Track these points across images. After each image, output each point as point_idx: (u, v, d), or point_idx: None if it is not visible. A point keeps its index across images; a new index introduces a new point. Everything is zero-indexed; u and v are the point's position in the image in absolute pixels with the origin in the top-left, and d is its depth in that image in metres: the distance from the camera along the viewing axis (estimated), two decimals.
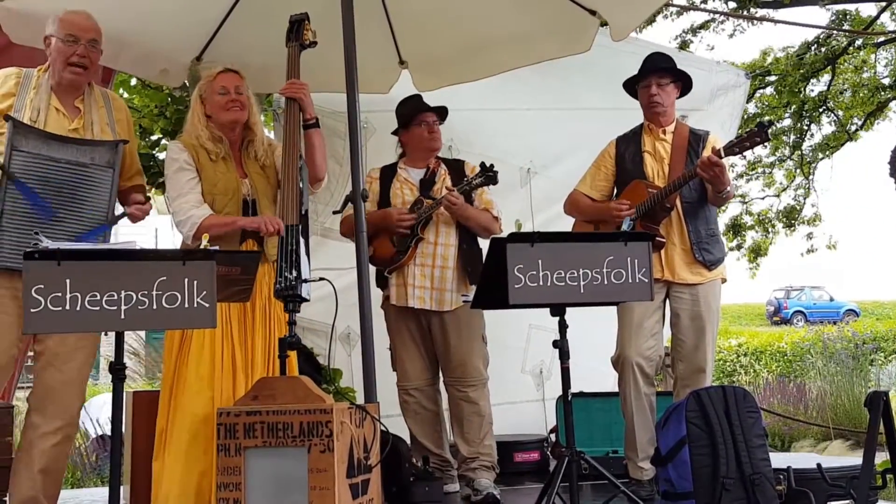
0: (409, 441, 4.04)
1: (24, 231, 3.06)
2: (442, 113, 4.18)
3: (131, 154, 3.46)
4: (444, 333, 3.96)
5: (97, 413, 7.96)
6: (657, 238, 3.73)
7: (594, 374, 4.56)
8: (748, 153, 3.73)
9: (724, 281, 3.93)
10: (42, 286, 2.35)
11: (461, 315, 3.94)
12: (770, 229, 13.83)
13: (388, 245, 4.00)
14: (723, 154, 3.63)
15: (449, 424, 4.12)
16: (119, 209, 3.36)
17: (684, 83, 4.01)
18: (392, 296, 3.98)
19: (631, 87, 4.07)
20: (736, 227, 13.90)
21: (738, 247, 14.01)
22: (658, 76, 3.94)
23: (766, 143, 3.84)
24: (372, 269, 4.02)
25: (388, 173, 4.15)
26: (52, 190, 3.12)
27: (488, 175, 3.88)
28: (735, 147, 3.67)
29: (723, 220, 13.79)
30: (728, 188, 3.76)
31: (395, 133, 4.24)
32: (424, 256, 3.95)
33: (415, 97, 4.26)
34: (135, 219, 3.34)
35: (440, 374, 4.08)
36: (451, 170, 4.13)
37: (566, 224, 4.23)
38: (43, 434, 3.15)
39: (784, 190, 13.92)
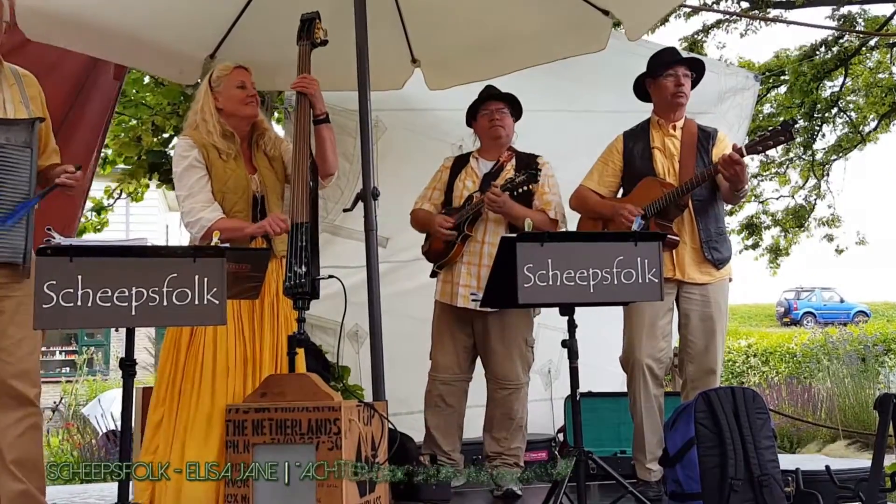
0: (421, 433, 4.05)
1: None
2: (513, 102, 4.13)
3: (46, 132, 3.27)
4: (486, 333, 3.96)
5: (107, 408, 8.01)
6: (671, 236, 3.71)
7: (602, 374, 4.55)
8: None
9: (730, 280, 3.92)
10: (54, 282, 2.37)
11: (506, 317, 3.92)
12: (789, 229, 13.79)
13: (440, 241, 4.00)
14: (745, 152, 3.60)
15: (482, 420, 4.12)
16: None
17: (694, 79, 4.00)
18: (438, 291, 4.00)
19: (641, 86, 4.04)
20: (752, 227, 13.85)
21: (755, 245, 13.95)
22: (684, 67, 3.92)
23: (789, 143, 3.82)
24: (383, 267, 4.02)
25: (459, 164, 4.14)
26: None
27: (530, 173, 3.81)
28: (758, 146, 3.64)
29: (738, 218, 13.79)
30: (746, 186, 3.74)
31: (469, 125, 4.23)
32: (472, 255, 3.94)
33: (486, 87, 4.23)
34: (67, 188, 3.16)
35: (472, 374, 4.09)
36: (520, 164, 4.02)
37: (576, 225, 4.21)
38: (4, 427, 3.07)
39: (797, 191, 13.89)
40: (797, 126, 11.98)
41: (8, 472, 3.08)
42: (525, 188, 3.82)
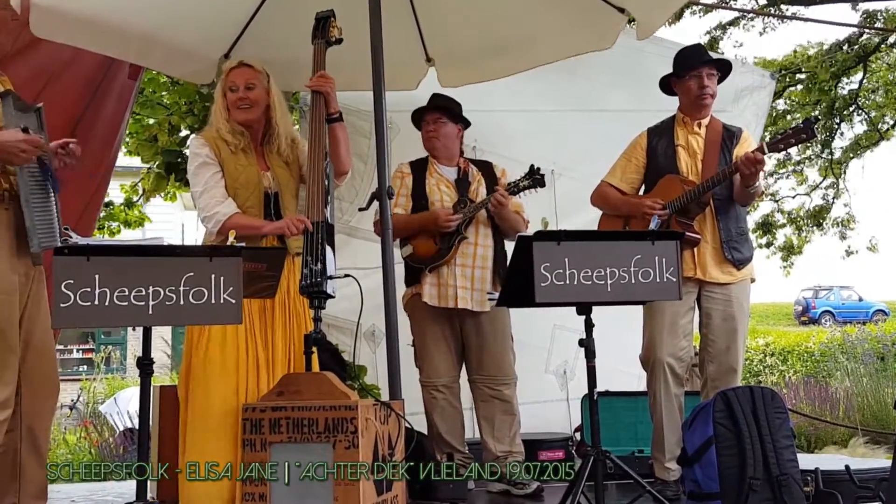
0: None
1: (49, 211, 2.96)
2: (449, 108, 4.16)
3: None
4: (479, 332, 3.98)
5: (125, 406, 8.05)
6: (693, 235, 3.69)
7: (615, 374, 4.53)
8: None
9: (752, 281, 3.89)
10: (71, 281, 2.38)
11: (494, 314, 3.96)
12: (804, 228, 13.70)
13: (430, 243, 4.00)
14: (766, 150, 3.57)
15: (475, 423, 4.12)
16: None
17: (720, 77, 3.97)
18: (426, 294, 3.96)
19: (666, 83, 4.01)
20: (766, 226, 13.77)
21: (768, 244, 13.87)
22: (709, 67, 3.89)
23: (811, 141, 3.79)
24: (399, 268, 4.02)
25: (419, 168, 4.16)
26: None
27: (535, 178, 3.89)
28: (780, 143, 3.61)
29: (753, 217, 13.72)
30: (758, 184, 3.71)
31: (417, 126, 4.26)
32: (465, 257, 3.97)
33: (432, 97, 4.25)
34: (72, 158, 3.08)
35: (461, 374, 4.09)
36: (482, 171, 4.15)
37: (592, 225, 4.19)
38: (39, 413, 3.11)
39: (814, 189, 13.78)
40: (818, 124, 11.93)
41: (40, 467, 3.10)
42: (532, 191, 3.97)
